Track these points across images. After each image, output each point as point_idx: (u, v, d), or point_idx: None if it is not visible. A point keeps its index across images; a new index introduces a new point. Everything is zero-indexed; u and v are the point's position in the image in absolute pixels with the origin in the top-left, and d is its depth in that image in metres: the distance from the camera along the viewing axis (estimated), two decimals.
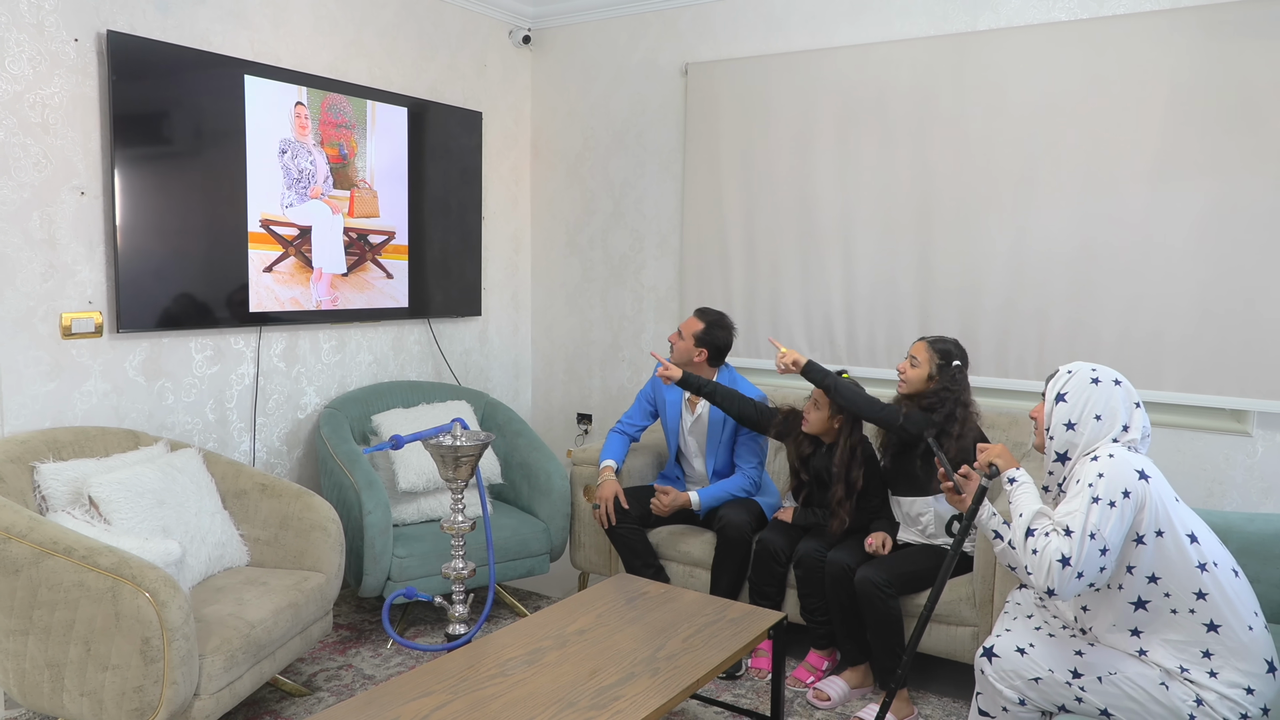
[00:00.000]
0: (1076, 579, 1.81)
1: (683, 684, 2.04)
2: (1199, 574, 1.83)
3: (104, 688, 2.15)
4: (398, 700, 1.94)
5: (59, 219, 2.81)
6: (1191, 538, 1.85)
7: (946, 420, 2.76)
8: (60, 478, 2.51)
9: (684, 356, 3.26)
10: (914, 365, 2.85)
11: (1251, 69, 2.96)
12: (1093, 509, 1.82)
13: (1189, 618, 1.84)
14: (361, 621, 3.34)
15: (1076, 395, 1.98)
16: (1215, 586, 1.83)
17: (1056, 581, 1.81)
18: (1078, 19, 3.24)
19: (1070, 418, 1.97)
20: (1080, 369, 2.02)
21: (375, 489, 3.06)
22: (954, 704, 2.82)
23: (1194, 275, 3.10)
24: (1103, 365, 2.03)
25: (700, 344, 3.24)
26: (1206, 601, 1.83)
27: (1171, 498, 1.89)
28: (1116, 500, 1.82)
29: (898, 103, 3.56)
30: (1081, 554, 1.79)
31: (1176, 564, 1.84)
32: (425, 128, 3.93)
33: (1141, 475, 1.84)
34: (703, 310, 3.33)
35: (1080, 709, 1.91)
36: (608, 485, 3.19)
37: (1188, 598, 1.84)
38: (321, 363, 3.67)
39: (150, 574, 2.14)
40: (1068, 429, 1.98)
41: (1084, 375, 2.00)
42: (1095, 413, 1.95)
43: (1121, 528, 1.82)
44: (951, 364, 2.81)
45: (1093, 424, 1.95)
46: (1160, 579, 1.85)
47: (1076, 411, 1.97)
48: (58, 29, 2.77)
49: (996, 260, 3.42)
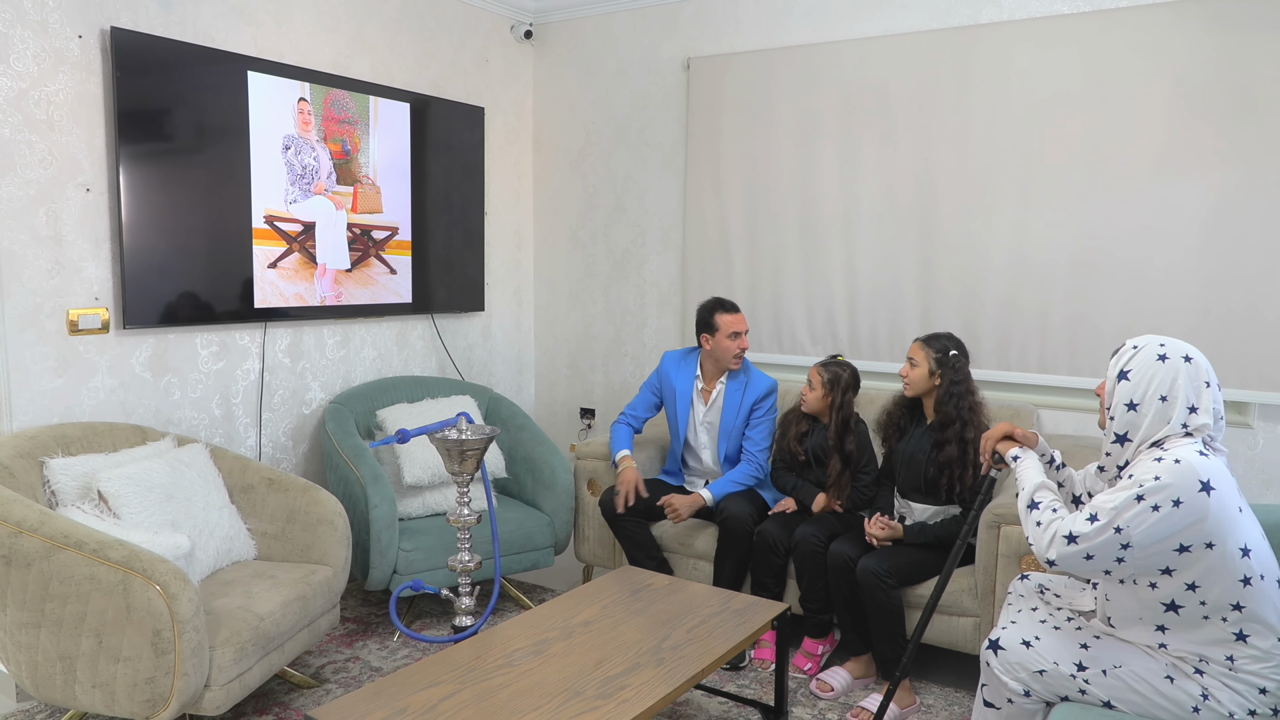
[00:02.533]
0: (1084, 560, 1.79)
1: (688, 674, 2.07)
2: (1241, 587, 1.77)
3: (116, 679, 2.17)
4: (406, 690, 1.96)
5: (65, 216, 2.83)
6: (1244, 550, 1.76)
7: (967, 413, 2.78)
8: (69, 473, 2.53)
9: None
10: (914, 366, 2.87)
11: (1256, 62, 2.97)
12: (1132, 506, 1.74)
13: (1220, 625, 1.80)
14: (368, 614, 3.37)
15: (1140, 373, 1.85)
16: (1254, 600, 1.77)
17: (1059, 554, 1.80)
18: (1080, 12, 3.25)
19: (1133, 397, 1.84)
20: (1148, 344, 1.87)
21: (381, 483, 3.08)
22: (956, 693, 2.84)
23: (1196, 269, 3.11)
24: (1175, 339, 1.87)
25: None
26: (1241, 614, 1.78)
27: (1235, 509, 1.77)
28: (1163, 505, 1.72)
29: (900, 97, 3.57)
30: (1096, 540, 1.76)
31: (1220, 576, 1.77)
32: (428, 123, 3.94)
33: (1205, 487, 1.72)
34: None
35: (1084, 701, 1.93)
36: (629, 472, 3.23)
37: (1223, 608, 1.79)
38: (326, 358, 3.68)
39: (160, 567, 2.16)
40: (1130, 409, 1.85)
41: (1150, 351, 1.85)
42: (1160, 393, 1.82)
43: (1158, 532, 1.74)
44: (949, 354, 2.83)
45: (1158, 405, 1.82)
46: (1200, 587, 1.78)
47: (1140, 391, 1.84)
48: (62, 26, 2.78)
49: (998, 254, 3.43)
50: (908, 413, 2.99)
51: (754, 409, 3.28)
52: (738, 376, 3.30)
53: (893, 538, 2.84)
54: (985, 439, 2.22)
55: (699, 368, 3.37)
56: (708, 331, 3.27)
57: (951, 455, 2.78)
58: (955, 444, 2.78)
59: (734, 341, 3.24)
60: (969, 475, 2.77)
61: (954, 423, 2.79)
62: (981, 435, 2.68)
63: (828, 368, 3.10)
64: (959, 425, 2.78)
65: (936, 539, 2.81)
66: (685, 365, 3.40)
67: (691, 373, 3.37)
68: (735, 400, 3.28)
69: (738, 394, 3.28)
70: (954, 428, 2.79)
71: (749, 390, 3.28)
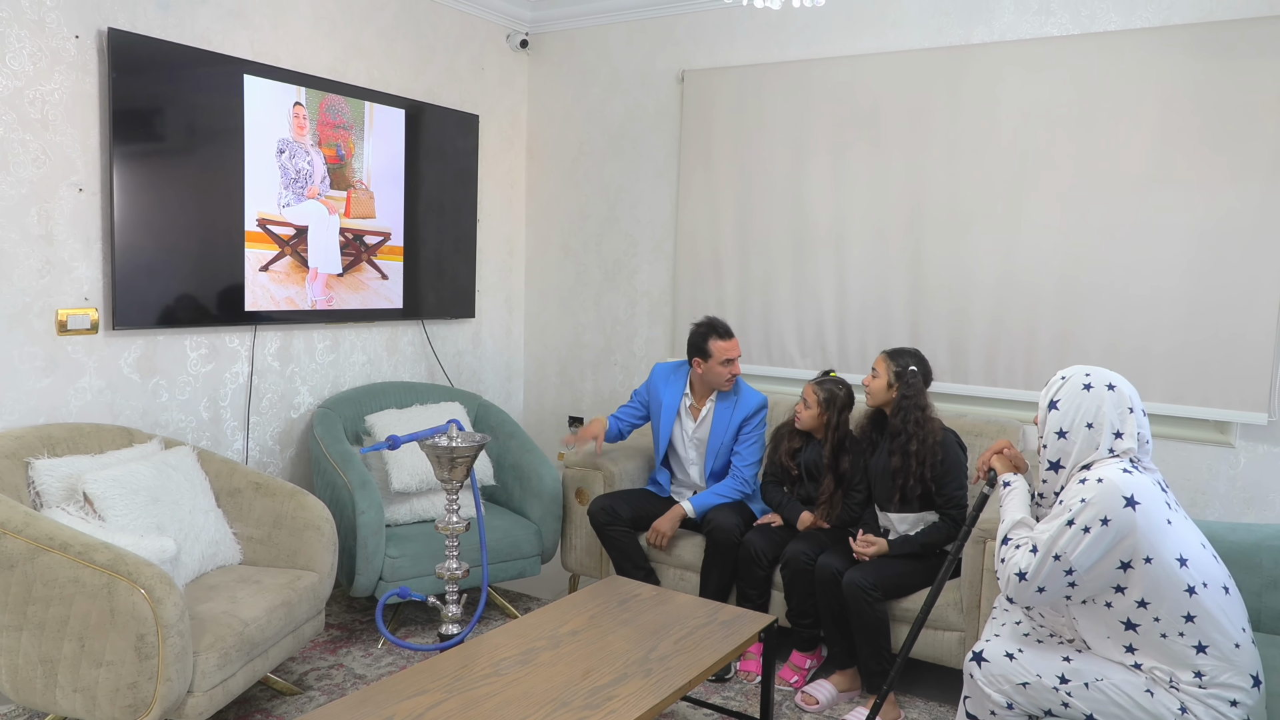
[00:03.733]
0: (1037, 593, 1.88)
1: (675, 685, 2.07)
2: (1188, 598, 1.82)
3: (97, 684, 2.15)
4: (392, 699, 1.95)
5: (57, 215, 2.82)
6: (1181, 561, 1.82)
7: (913, 426, 2.86)
8: (55, 474, 2.51)
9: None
10: (875, 377, 2.97)
11: (1237, 87, 3.02)
12: (1065, 532, 1.83)
13: (1178, 640, 1.84)
14: (353, 621, 3.35)
15: (1068, 402, 1.95)
16: (1204, 609, 1.82)
17: (1014, 592, 1.91)
18: (1070, 35, 3.30)
19: (1062, 425, 1.95)
20: (1074, 374, 1.98)
21: (369, 489, 3.07)
22: (940, 708, 2.85)
23: (1179, 289, 3.15)
24: (1100, 368, 1.98)
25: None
26: (1195, 624, 1.82)
27: (1163, 521, 1.84)
28: (1092, 526, 1.81)
29: (891, 114, 3.60)
30: (1040, 572, 1.86)
31: (1165, 590, 1.82)
32: (422, 129, 3.94)
33: (1130, 502, 1.80)
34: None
35: (1066, 714, 1.94)
36: (597, 422, 3.35)
37: (1177, 621, 1.83)
38: (315, 362, 3.67)
39: (146, 571, 2.15)
40: (1059, 437, 1.96)
41: (1077, 382, 1.96)
42: (1086, 420, 1.92)
43: (1094, 553, 1.82)
44: (908, 370, 2.89)
45: (1085, 432, 1.92)
46: (1150, 604, 1.84)
47: (1068, 419, 1.94)
48: (59, 26, 2.78)
49: (986, 270, 3.46)
50: (877, 426, 3.05)
51: (743, 426, 3.28)
52: (728, 396, 3.31)
53: (879, 553, 2.86)
54: (983, 455, 2.25)
55: (689, 385, 3.38)
56: (700, 356, 3.26)
57: (897, 465, 2.87)
58: (900, 455, 2.87)
59: (726, 368, 3.23)
60: (914, 484, 2.86)
61: (900, 434, 2.87)
62: (927, 448, 2.83)
63: (823, 385, 3.11)
64: (904, 438, 2.87)
65: (921, 547, 2.85)
66: (674, 380, 3.41)
67: (680, 389, 3.38)
68: (725, 418, 3.29)
69: (727, 412, 3.29)
70: (900, 439, 2.87)
71: (738, 408, 3.29)
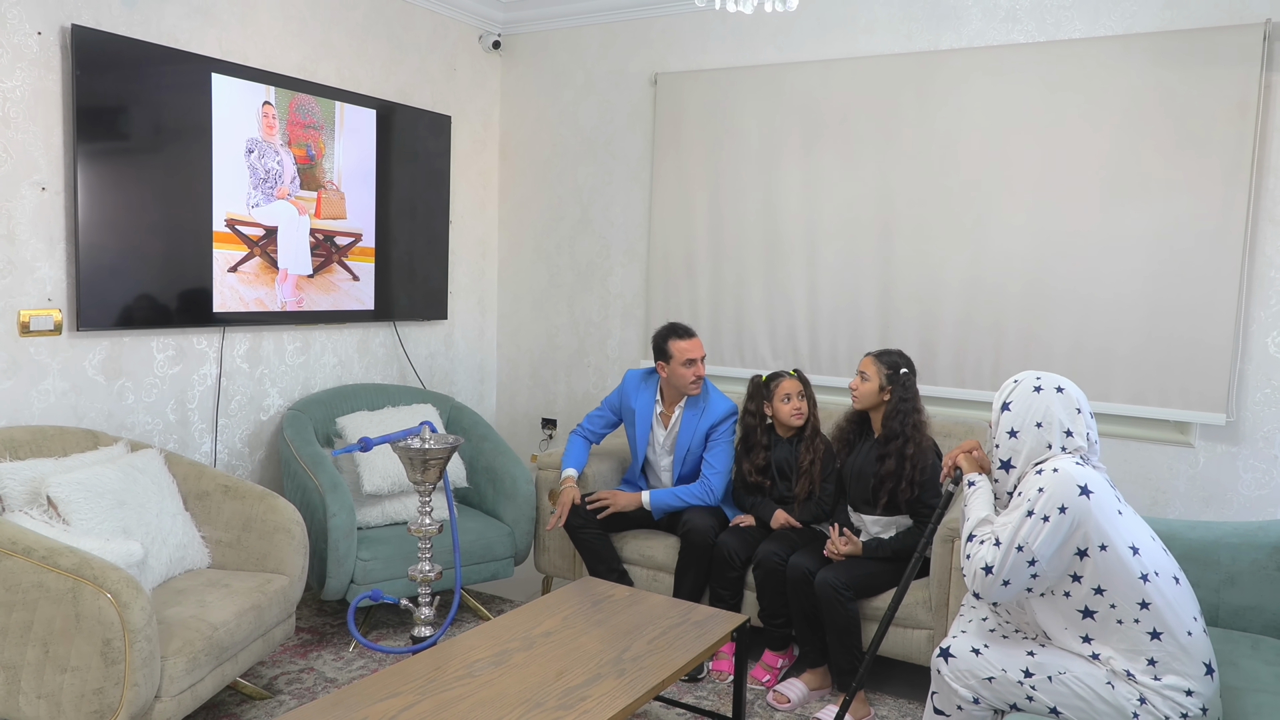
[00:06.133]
0: (1002, 586, 1.93)
1: (648, 685, 2.08)
2: (1142, 584, 1.89)
3: (62, 690, 2.12)
4: (365, 701, 1.94)
5: (19, 214, 2.77)
6: (1133, 550, 1.91)
7: (910, 429, 2.85)
8: (17, 477, 2.47)
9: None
10: (864, 380, 2.93)
11: (1197, 95, 3.09)
12: (1025, 523, 1.89)
13: (1134, 627, 1.90)
14: (323, 624, 3.32)
15: (1019, 404, 2.03)
16: (1157, 596, 1.89)
17: (981, 587, 1.96)
18: (1035, 42, 3.36)
19: (1013, 425, 2.02)
20: (1025, 378, 2.06)
21: (340, 491, 3.04)
22: (909, 705, 2.89)
23: (1141, 291, 3.22)
24: (1051, 373, 2.07)
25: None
26: (1149, 611, 1.89)
27: (1114, 511, 1.92)
28: (1051, 515, 1.87)
29: (861, 117, 3.65)
30: (1005, 564, 1.91)
31: (1120, 576, 1.90)
32: (393, 130, 3.92)
33: (1084, 490, 1.88)
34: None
35: (1031, 707, 1.98)
36: (568, 492, 3.26)
37: (1132, 608, 1.90)
38: (285, 364, 3.64)
39: (112, 575, 2.12)
40: (1010, 436, 2.03)
41: (1028, 384, 2.05)
42: (1035, 420, 2.00)
43: (1054, 541, 1.88)
44: (900, 371, 2.90)
45: (1034, 431, 2.00)
46: (1105, 591, 1.91)
47: (1019, 420, 2.02)
48: (20, 21, 2.73)
49: (954, 273, 3.52)
50: (857, 427, 3.05)
51: (710, 433, 3.29)
52: (695, 403, 3.30)
53: (852, 554, 2.89)
54: (950, 453, 2.29)
55: (659, 392, 3.39)
56: (663, 359, 3.26)
57: (890, 469, 2.86)
58: (895, 458, 2.85)
59: (689, 369, 3.21)
60: (904, 489, 2.85)
61: (897, 438, 2.86)
62: (921, 452, 2.80)
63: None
64: (901, 441, 2.85)
65: (894, 553, 2.87)
66: (646, 388, 3.41)
67: (652, 396, 3.38)
68: (691, 426, 3.30)
69: (694, 420, 3.30)
70: (896, 443, 2.86)
71: (705, 415, 3.29)
